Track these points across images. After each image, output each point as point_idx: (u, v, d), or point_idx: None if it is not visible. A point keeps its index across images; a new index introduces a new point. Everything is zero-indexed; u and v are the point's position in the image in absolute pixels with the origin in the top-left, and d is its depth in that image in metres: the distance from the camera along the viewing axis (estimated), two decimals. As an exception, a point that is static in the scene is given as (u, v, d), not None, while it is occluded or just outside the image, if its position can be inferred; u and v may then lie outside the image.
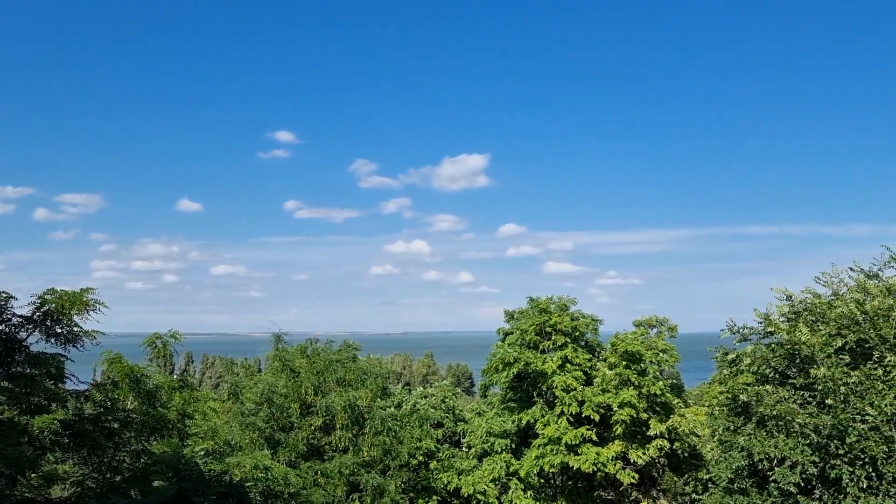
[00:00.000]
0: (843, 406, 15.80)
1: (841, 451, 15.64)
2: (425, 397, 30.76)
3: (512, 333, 27.46)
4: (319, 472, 20.06)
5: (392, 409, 26.12)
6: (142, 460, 12.74)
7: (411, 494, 22.70)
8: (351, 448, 20.94)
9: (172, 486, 10.00)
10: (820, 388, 16.33)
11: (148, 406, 13.68)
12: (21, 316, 11.33)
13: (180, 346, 16.02)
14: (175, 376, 16.85)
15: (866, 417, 15.51)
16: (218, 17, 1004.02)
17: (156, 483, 11.89)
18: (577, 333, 26.82)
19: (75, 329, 11.72)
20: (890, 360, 15.74)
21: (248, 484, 14.58)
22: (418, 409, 27.51)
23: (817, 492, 16.19)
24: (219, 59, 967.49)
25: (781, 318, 18.35)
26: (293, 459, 20.32)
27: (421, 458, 24.87)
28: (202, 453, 14.78)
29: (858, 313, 16.99)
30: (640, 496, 26.41)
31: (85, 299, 11.71)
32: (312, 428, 21.00)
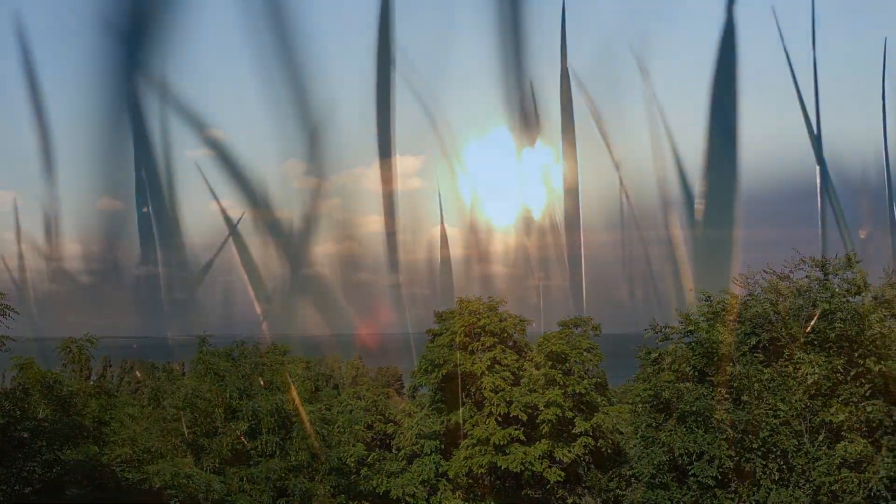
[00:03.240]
0: (757, 402, 16.51)
1: (755, 445, 16.34)
2: (358, 398, 30.49)
3: (441, 335, 27.46)
4: (245, 478, 19.59)
5: (321, 412, 25.74)
6: (54, 470, 12.22)
7: (342, 498, 22.41)
8: (278, 452, 20.54)
9: (87, 496, 9.63)
10: (736, 384, 17.01)
11: (62, 413, 13.10)
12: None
13: (97, 350, 15.43)
14: (91, 382, 16.22)
15: (778, 413, 16.25)
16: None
17: (71, 492, 11.43)
18: (506, 334, 27.06)
19: (-18, 334, 11.15)
20: (799, 358, 16.52)
21: (169, 492, 14.16)
22: (350, 412, 27.20)
23: (733, 485, 16.86)
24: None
25: (701, 318, 19.02)
26: (218, 465, 19.77)
27: (353, 463, 24.60)
28: (119, 461, 14.28)
29: (771, 313, 17.78)
30: (567, 493, 26.85)
31: (-7, 302, 11.15)
32: (238, 433, 20.50)
